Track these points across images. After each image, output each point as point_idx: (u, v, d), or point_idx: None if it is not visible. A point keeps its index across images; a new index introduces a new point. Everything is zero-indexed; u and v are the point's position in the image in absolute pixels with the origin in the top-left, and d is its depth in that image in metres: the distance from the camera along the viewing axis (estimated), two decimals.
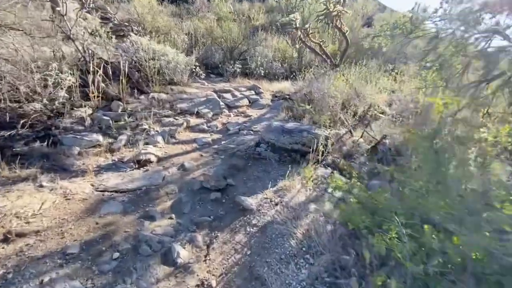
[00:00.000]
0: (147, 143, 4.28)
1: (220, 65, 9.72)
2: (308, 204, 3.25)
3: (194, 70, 6.87)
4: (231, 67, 9.21)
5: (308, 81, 8.23)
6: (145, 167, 3.74)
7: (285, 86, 8.42)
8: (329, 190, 3.70)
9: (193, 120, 5.46)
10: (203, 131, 5.21)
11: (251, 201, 3.26)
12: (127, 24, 7.49)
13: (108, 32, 6.05)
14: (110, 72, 5.36)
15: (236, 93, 7.17)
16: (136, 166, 3.71)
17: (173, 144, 4.53)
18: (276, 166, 4.17)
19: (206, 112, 5.84)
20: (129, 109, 4.98)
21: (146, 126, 4.63)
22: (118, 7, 12.31)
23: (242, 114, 6.29)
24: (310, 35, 8.05)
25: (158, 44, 6.60)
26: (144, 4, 11.37)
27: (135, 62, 6.08)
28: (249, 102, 6.97)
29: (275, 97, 7.71)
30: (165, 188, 3.43)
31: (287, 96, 7.64)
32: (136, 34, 7.23)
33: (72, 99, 4.49)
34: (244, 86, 8.43)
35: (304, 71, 11.21)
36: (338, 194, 3.36)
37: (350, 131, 5.15)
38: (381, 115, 6.49)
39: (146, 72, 5.94)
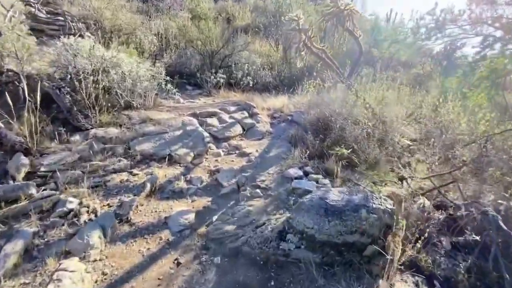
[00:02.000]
0: (67, 253, 2.06)
1: (198, 74, 7.51)
2: None
3: (164, 87, 4.63)
4: (212, 77, 7.02)
5: (311, 96, 6.29)
6: None
7: (283, 102, 6.41)
8: None
9: (163, 173, 3.26)
10: (179, 195, 3.03)
11: None
12: (62, 18, 5.02)
13: (22, 28, 3.65)
14: (21, 96, 3.01)
15: (224, 116, 5.02)
16: None
17: (123, 241, 2.32)
18: (321, 283, 2.16)
19: (183, 154, 3.66)
20: (43, 169, 2.67)
21: (73, 205, 2.39)
22: (72, 2, 9.66)
23: (237, 151, 4.18)
24: (312, 39, 6.09)
25: (109, 49, 4.28)
26: None
27: (70, 78, 3.73)
28: (243, 129, 4.86)
29: (273, 118, 5.67)
30: None
31: (289, 118, 5.64)
32: (76, 33, 4.83)
33: None
34: (231, 102, 6.28)
35: (298, 80, 9.30)
36: None
37: (414, 193, 3.23)
38: (409, 142, 4.72)
39: (87, 93, 3.62)
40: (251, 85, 7.65)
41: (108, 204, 2.58)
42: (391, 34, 7.17)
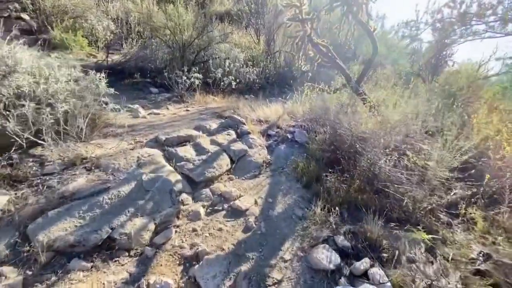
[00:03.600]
0: None
1: (166, 71, 5.72)
2: None
3: (104, 104, 2.88)
4: (184, 77, 5.28)
5: (312, 105, 4.84)
6: None
7: (277, 112, 4.89)
8: None
9: (93, 286, 1.68)
10: None
11: None
12: None
13: None
14: None
15: (204, 140, 3.41)
16: None
17: None
18: None
19: (136, 230, 2.05)
20: None
21: None
22: None
23: (226, 205, 2.63)
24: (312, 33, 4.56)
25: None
26: None
27: None
28: (231, 160, 3.30)
29: (269, 137, 4.13)
30: None
31: (289, 136, 4.14)
32: None
33: None
34: (211, 113, 4.65)
35: (286, 79, 7.86)
36: None
37: None
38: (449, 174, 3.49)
39: None
40: (233, 87, 6.03)
41: None
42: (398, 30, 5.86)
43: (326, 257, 2.02)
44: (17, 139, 2.04)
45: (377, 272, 1.98)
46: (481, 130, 4.05)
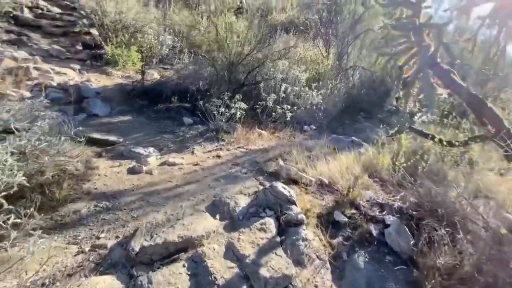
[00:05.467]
0: None
1: (207, 95, 4.38)
2: None
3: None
4: (223, 108, 3.80)
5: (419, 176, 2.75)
6: None
7: (350, 167, 2.94)
8: None
9: None
10: None
11: None
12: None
13: None
14: None
15: (212, 249, 1.76)
16: None
17: None
18: None
19: None
20: None
21: None
22: None
23: None
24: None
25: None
26: None
27: None
28: None
29: (334, 229, 2.27)
30: None
31: (375, 234, 2.20)
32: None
33: None
34: (249, 163, 3.03)
35: (359, 106, 5.85)
36: None
37: None
38: None
39: None
40: (288, 118, 4.32)
41: None
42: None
43: None
44: None
45: None
46: None
